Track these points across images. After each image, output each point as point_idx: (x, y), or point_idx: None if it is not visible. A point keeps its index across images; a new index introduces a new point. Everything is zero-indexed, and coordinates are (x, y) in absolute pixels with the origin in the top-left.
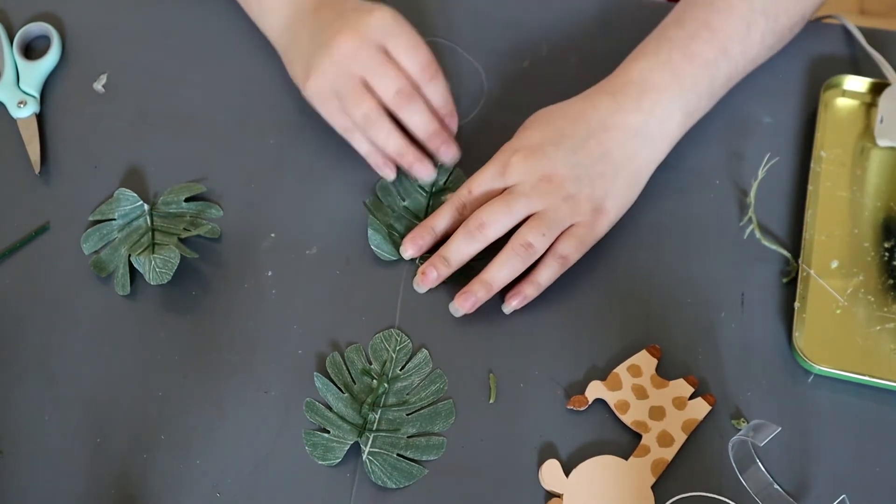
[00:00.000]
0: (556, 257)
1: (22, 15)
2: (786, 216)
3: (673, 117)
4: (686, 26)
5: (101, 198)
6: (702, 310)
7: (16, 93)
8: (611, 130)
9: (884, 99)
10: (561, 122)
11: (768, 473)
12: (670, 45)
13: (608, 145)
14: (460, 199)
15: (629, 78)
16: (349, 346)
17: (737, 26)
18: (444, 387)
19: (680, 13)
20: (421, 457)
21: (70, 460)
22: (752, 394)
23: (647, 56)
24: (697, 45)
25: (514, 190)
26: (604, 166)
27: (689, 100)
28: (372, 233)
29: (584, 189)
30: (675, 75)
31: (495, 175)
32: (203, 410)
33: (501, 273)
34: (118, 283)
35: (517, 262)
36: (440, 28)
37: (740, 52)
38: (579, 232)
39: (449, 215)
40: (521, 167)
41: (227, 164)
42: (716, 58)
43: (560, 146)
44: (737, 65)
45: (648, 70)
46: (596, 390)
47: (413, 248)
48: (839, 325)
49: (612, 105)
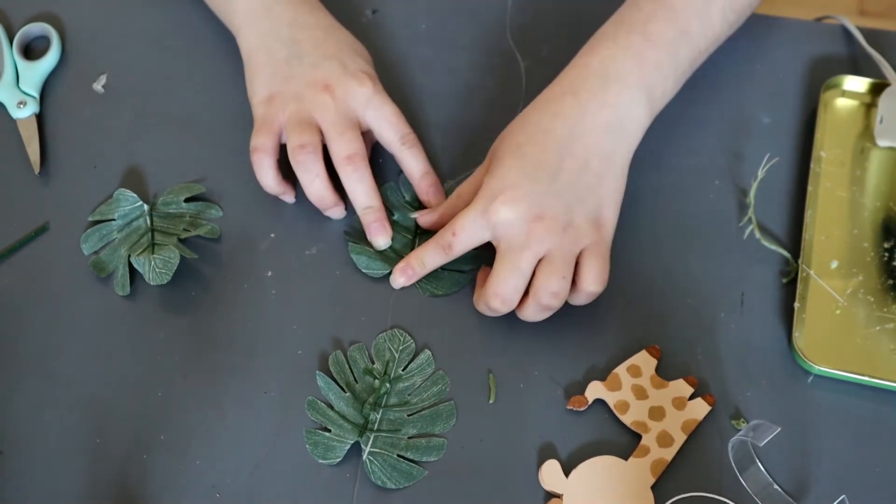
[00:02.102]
0: (587, 295)
1: (22, 15)
2: (785, 216)
3: (639, 103)
4: (643, 7)
5: (100, 198)
6: (701, 310)
7: (15, 93)
8: (582, 138)
9: (884, 99)
10: (530, 148)
11: (768, 474)
12: (628, 28)
13: (584, 156)
14: (446, 240)
15: (590, 70)
16: (351, 345)
17: (695, 4)
18: (445, 388)
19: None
20: (421, 458)
21: (70, 460)
22: (751, 394)
23: (606, 43)
24: (656, 26)
25: (512, 246)
26: (587, 179)
27: (653, 83)
28: (356, 257)
29: (577, 212)
30: (636, 60)
31: (478, 219)
32: (203, 410)
33: (532, 318)
34: (118, 284)
35: (547, 313)
36: (439, 28)
37: (701, 30)
38: (593, 254)
39: (437, 253)
40: (506, 214)
41: (227, 164)
42: (675, 37)
43: (537, 179)
44: (698, 44)
45: (609, 59)
46: (596, 390)
47: (403, 277)
48: (839, 326)
49: (575, 109)
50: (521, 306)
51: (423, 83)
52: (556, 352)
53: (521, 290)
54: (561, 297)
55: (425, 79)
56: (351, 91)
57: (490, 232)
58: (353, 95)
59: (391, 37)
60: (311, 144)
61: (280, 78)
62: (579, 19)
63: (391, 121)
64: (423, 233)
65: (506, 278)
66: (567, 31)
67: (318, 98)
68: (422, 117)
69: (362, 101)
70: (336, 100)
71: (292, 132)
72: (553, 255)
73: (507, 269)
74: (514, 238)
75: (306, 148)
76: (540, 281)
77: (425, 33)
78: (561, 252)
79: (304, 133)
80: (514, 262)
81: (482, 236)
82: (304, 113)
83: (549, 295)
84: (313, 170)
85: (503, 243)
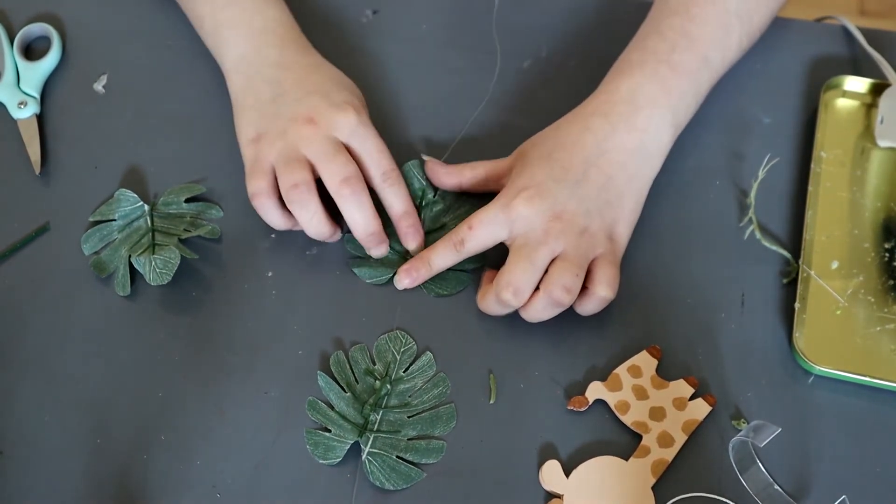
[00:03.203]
0: (598, 300)
1: (22, 15)
2: (786, 217)
3: (666, 130)
4: (667, 37)
5: (101, 198)
6: (702, 310)
7: (16, 93)
8: (609, 154)
9: (884, 99)
10: (559, 154)
11: (768, 474)
12: (655, 57)
13: (609, 171)
14: (459, 235)
15: (619, 96)
16: (353, 345)
17: (714, 33)
18: (446, 391)
19: (657, 22)
20: (420, 460)
21: (70, 460)
22: (752, 394)
23: (634, 70)
24: (680, 56)
25: (529, 241)
26: (608, 194)
27: (677, 111)
28: (357, 270)
29: (595, 220)
30: (663, 89)
31: (498, 214)
32: (203, 410)
33: (539, 315)
34: (118, 284)
35: (553, 311)
36: (439, 28)
37: (720, 57)
38: (605, 261)
39: (448, 252)
40: (527, 209)
41: (227, 164)
42: (699, 67)
43: (562, 182)
44: (717, 70)
45: (637, 86)
46: (596, 391)
47: (408, 279)
48: (839, 326)
49: (605, 127)
50: (527, 304)
51: (423, 83)
52: (556, 352)
53: (533, 284)
54: (572, 294)
55: (425, 79)
56: (334, 121)
57: (508, 229)
58: (337, 126)
59: (391, 37)
60: (303, 183)
61: (266, 118)
62: (579, 20)
63: (374, 157)
64: (427, 233)
65: (520, 270)
66: (567, 31)
67: (303, 131)
68: (422, 118)
69: (346, 131)
70: (320, 130)
71: (283, 172)
72: (568, 253)
73: (522, 261)
74: (532, 234)
75: (299, 187)
76: (554, 275)
77: (425, 33)
78: (575, 251)
79: (295, 171)
80: (529, 256)
81: (498, 234)
82: (291, 149)
83: (562, 289)
84: (310, 208)
85: (519, 239)
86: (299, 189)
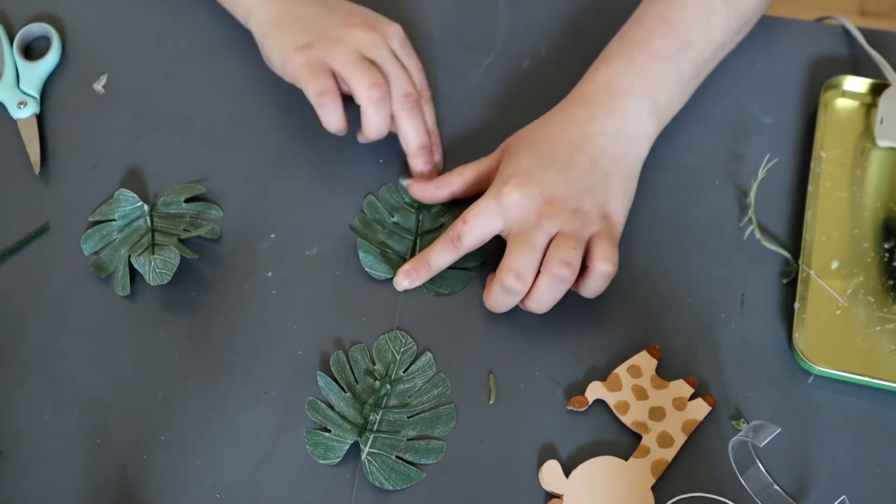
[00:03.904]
0: (600, 275)
1: (22, 15)
2: (786, 217)
3: (645, 113)
4: (644, 24)
5: (101, 198)
6: (702, 310)
7: (16, 93)
8: (592, 138)
9: (884, 99)
10: (543, 143)
11: (768, 474)
12: (631, 45)
13: (593, 153)
14: (455, 231)
15: (597, 85)
16: (353, 345)
17: (693, 15)
18: (446, 391)
19: (639, 14)
20: (419, 460)
21: (70, 460)
22: (752, 394)
23: (611, 60)
24: (657, 40)
25: (525, 227)
26: (595, 175)
27: (657, 96)
28: (363, 255)
29: (587, 200)
30: (639, 74)
31: (491, 205)
32: (203, 410)
33: (545, 299)
34: (118, 284)
35: (561, 286)
36: (439, 28)
37: (703, 40)
38: (602, 237)
39: (446, 250)
40: (517, 195)
41: (227, 164)
42: (678, 50)
43: (549, 167)
44: (702, 54)
45: (613, 75)
46: (596, 391)
47: (408, 280)
48: (839, 326)
49: (586, 115)
50: (531, 290)
51: None
52: (556, 352)
53: (534, 266)
54: (572, 269)
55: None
56: (389, 29)
57: (502, 217)
58: (391, 34)
59: None
60: (382, 84)
61: (314, 28)
62: (579, 19)
63: (416, 73)
64: (425, 233)
65: (519, 254)
66: (567, 31)
67: (361, 35)
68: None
69: (397, 42)
70: (378, 36)
71: (356, 72)
72: (564, 231)
73: (520, 246)
74: (526, 220)
75: (380, 86)
76: (552, 252)
77: (425, 33)
78: (571, 228)
79: (373, 72)
80: (527, 240)
81: (494, 225)
82: (355, 52)
83: (560, 263)
84: (384, 110)
85: (515, 227)
86: (380, 88)
